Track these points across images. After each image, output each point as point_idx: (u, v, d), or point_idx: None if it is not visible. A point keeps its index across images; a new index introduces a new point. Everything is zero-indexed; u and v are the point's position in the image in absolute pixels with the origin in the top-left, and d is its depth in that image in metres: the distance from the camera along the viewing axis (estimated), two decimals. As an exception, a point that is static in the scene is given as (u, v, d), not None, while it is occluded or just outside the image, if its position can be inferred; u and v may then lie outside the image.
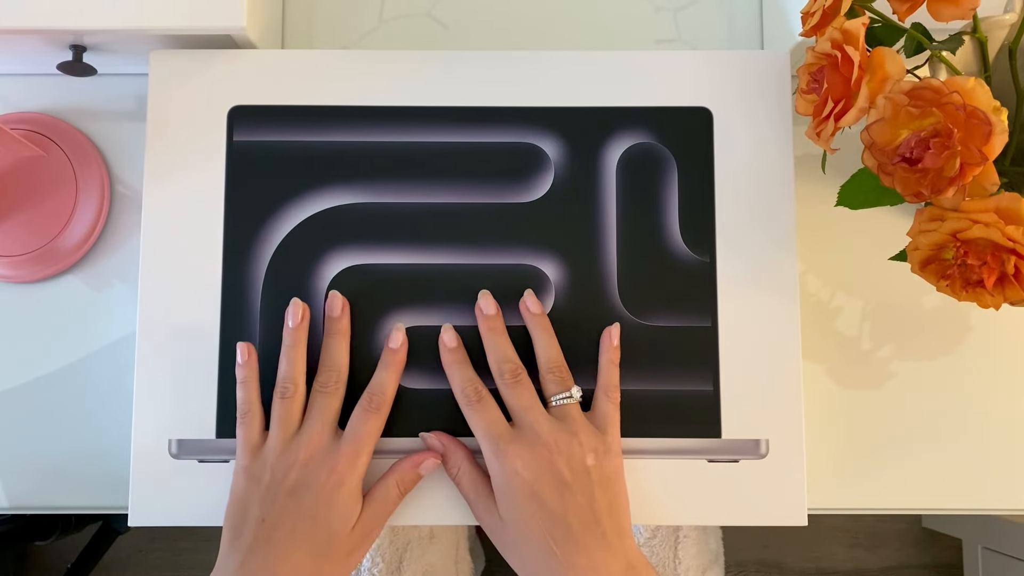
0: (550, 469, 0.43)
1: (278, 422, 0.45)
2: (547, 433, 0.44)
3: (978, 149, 0.36)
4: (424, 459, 0.46)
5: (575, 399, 0.46)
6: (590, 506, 0.43)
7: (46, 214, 0.52)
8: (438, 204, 0.49)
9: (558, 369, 0.46)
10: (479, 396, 0.46)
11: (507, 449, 0.44)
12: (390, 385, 0.46)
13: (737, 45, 0.57)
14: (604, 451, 0.45)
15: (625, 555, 0.43)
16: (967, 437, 0.52)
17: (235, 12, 0.46)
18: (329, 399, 0.46)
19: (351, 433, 0.45)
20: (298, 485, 0.44)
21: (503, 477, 0.44)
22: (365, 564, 0.61)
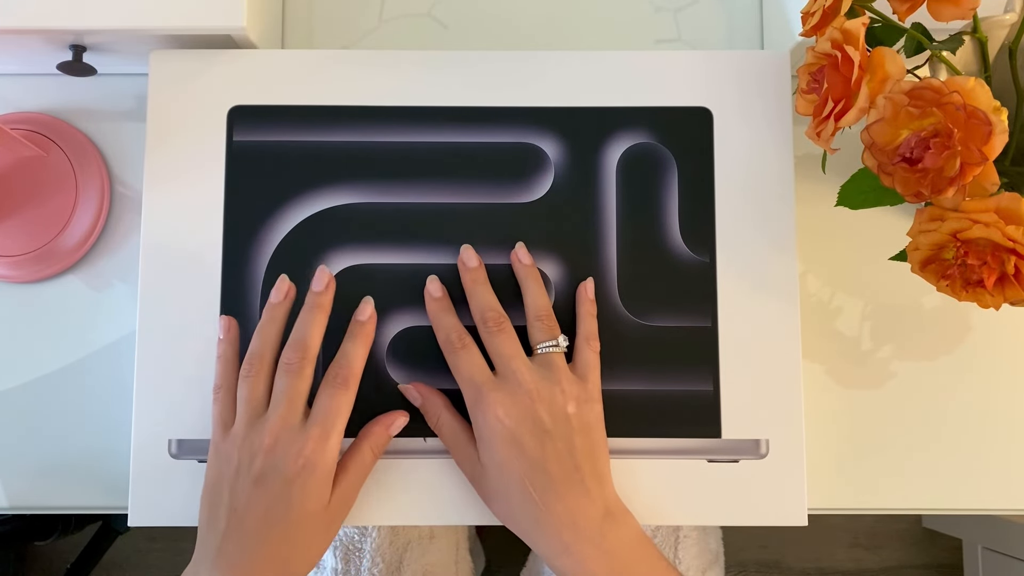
0: (531, 416, 0.43)
1: (243, 403, 0.44)
2: (529, 381, 0.44)
3: (978, 149, 0.36)
4: (394, 419, 0.46)
5: (561, 348, 0.46)
6: (570, 453, 0.43)
7: (46, 214, 0.52)
8: (438, 204, 0.49)
9: (546, 317, 0.46)
10: (463, 343, 0.45)
11: (489, 396, 0.44)
12: (357, 357, 0.45)
13: (737, 45, 0.57)
14: (585, 399, 0.45)
15: (604, 501, 0.44)
16: (967, 437, 0.52)
17: (235, 12, 0.46)
18: (294, 379, 0.44)
19: (317, 413, 0.43)
20: (265, 472, 0.42)
21: (484, 424, 0.44)
22: (365, 564, 0.61)
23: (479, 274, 0.47)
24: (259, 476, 0.42)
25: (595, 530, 0.43)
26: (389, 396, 0.48)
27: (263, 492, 0.42)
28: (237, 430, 0.44)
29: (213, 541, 0.43)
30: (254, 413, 0.44)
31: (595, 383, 0.46)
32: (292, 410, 0.43)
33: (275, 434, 0.43)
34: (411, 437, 0.48)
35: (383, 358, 0.48)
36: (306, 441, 0.43)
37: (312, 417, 0.44)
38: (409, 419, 0.47)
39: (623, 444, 0.48)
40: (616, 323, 0.48)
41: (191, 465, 0.47)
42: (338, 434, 0.44)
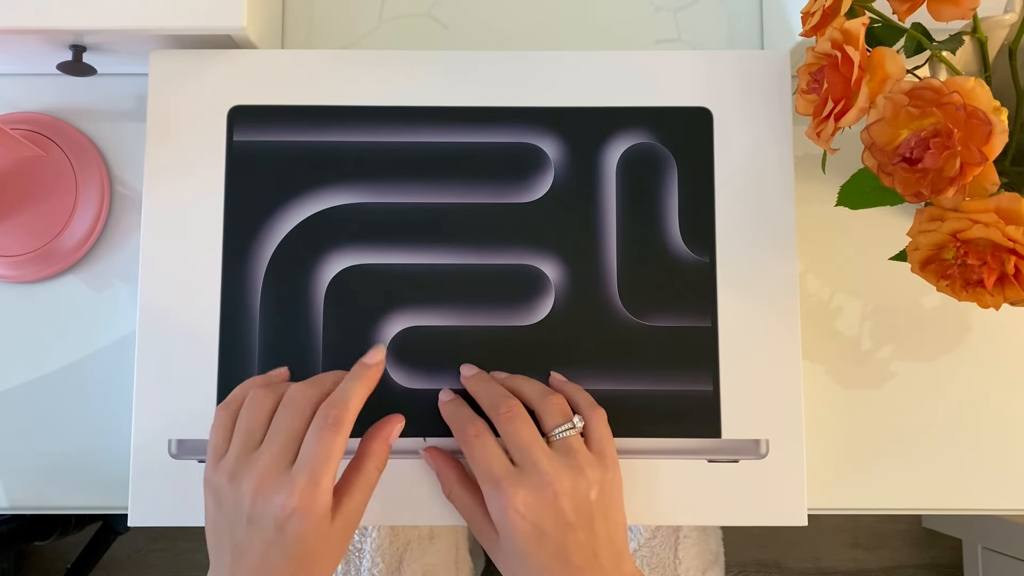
0: (554, 511, 0.42)
1: (239, 434, 0.42)
2: (551, 473, 0.42)
3: (978, 149, 0.36)
4: (391, 430, 0.44)
5: (578, 428, 0.44)
6: (590, 540, 0.43)
7: (46, 214, 0.52)
8: (438, 204, 0.49)
9: (551, 396, 0.45)
10: (477, 432, 0.44)
11: (509, 491, 0.42)
12: (355, 398, 0.42)
13: (737, 45, 0.57)
14: (608, 478, 0.44)
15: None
16: (967, 437, 0.52)
17: (235, 12, 0.46)
18: (293, 420, 0.41)
19: (305, 458, 0.40)
20: (256, 515, 0.40)
21: (504, 517, 0.42)
22: (365, 564, 0.61)
23: (481, 376, 0.47)
24: (251, 518, 0.40)
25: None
26: (389, 397, 0.48)
27: (258, 534, 0.40)
28: (227, 464, 0.41)
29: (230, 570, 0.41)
30: (246, 447, 0.41)
31: (612, 454, 0.45)
32: (284, 452, 0.40)
33: (263, 478, 0.40)
34: (411, 437, 0.48)
35: (383, 358, 0.48)
36: (293, 490, 0.39)
37: (299, 462, 0.40)
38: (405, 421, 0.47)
39: (623, 444, 0.47)
40: (616, 323, 0.48)
41: (191, 465, 0.47)
42: (329, 479, 0.40)
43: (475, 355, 0.48)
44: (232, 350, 0.48)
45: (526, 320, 0.48)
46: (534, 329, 0.48)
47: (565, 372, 0.48)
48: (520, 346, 0.48)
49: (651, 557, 0.63)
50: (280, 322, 0.48)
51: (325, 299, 0.48)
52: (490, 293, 0.49)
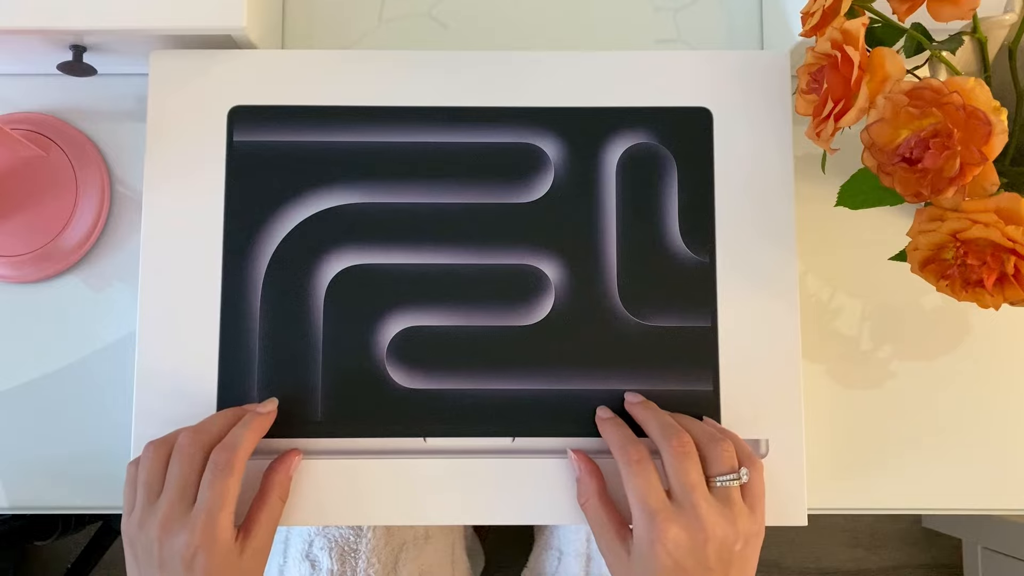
0: (699, 554, 0.42)
1: (141, 487, 0.44)
2: (708, 519, 0.42)
3: (978, 149, 0.36)
4: (291, 462, 0.47)
5: (742, 481, 0.44)
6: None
7: (46, 214, 0.52)
8: (438, 204, 0.49)
9: (724, 440, 0.44)
10: (640, 457, 0.44)
11: (663, 526, 0.42)
12: (246, 441, 0.44)
13: (737, 45, 0.57)
14: (754, 534, 0.44)
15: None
16: (967, 437, 0.52)
17: (235, 12, 0.46)
18: (183, 467, 0.43)
19: (201, 501, 0.43)
20: (165, 560, 0.42)
21: (651, 549, 0.42)
22: (361, 565, 0.61)
23: (649, 405, 0.47)
24: (161, 562, 0.43)
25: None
26: (390, 397, 0.48)
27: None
28: (135, 514, 0.44)
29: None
30: (149, 498, 0.44)
31: (762, 513, 0.45)
32: (181, 497, 0.43)
33: (165, 522, 0.42)
34: (411, 437, 0.48)
35: (383, 358, 0.48)
36: (193, 530, 0.42)
37: (197, 505, 0.43)
38: (403, 422, 0.47)
39: (623, 444, 0.48)
40: (616, 323, 0.48)
41: (191, 465, 0.47)
42: (227, 516, 0.43)
43: (475, 355, 0.48)
44: (232, 350, 0.48)
45: (526, 320, 0.48)
46: (534, 329, 0.48)
47: (565, 372, 0.48)
48: (520, 346, 0.48)
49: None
50: (280, 322, 0.48)
51: (325, 299, 0.48)
52: (490, 293, 0.49)
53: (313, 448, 0.47)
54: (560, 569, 0.66)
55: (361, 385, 0.48)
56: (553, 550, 0.68)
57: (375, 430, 0.48)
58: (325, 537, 0.60)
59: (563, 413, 0.48)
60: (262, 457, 0.47)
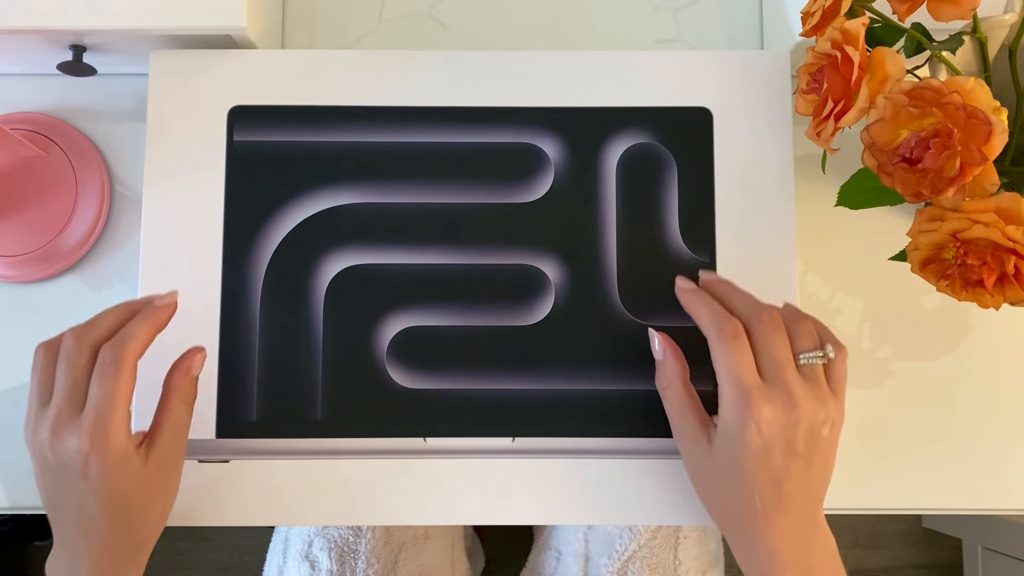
0: (789, 435, 0.41)
1: (32, 392, 0.42)
2: (800, 397, 0.41)
3: (978, 149, 0.36)
4: (191, 361, 0.44)
5: (827, 357, 0.42)
6: (805, 476, 0.42)
7: (46, 214, 0.52)
8: (438, 204, 0.49)
9: (805, 321, 0.43)
10: (736, 333, 0.42)
11: (757, 404, 0.41)
12: (139, 337, 0.41)
13: (737, 45, 0.57)
14: (838, 419, 0.42)
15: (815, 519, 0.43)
16: (967, 437, 0.52)
17: (235, 12, 0.46)
18: (69, 367, 0.41)
19: (91, 403, 0.40)
20: (58, 467, 0.40)
21: (740, 429, 0.41)
22: (360, 565, 0.60)
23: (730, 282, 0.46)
24: (56, 470, 0.41)
25: (800, 545, 0.42)
26: (389, 396, 0.48)
27: (68, 485, 0.41)
28: (29, 420, 0.42)
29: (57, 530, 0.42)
30: (40, 402, 0.42)
31: (843, 396, 0.43)
32: (69, 400, 0.41)
33: (55, 426, 0.40)
34: (411, 437, 0.48)
35: (383, 358, 0.48)
36: (82, 434, 0.40)
37: (86, 408, 0.40)
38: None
39: (623, 444, 0.48)
40: (616, 323, 0.48)
41: (191, 465, 0.47)
42: (120, 417, 0.40)
43: (475, 355, 0.48)
44: (232, 350, 0.48)
45: (526, 320, 0.48)
46: (534, 329, 0.48)
47: (565, 372, 0.48)
48: (520, 346, 0.48)
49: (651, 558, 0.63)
50: (280, 322, 0.48)
51: (325, 299, 0.48)
52: (490, 293, 0.49)
53: (313, 448, 0.47)
54: (559, 569, 0.66)
55: (361, 385, 0.48)
56: (552, 550, 0.68)
57: (375, 430, 0.48)
58: (324, 538, 0.60)
59: (563, 413, 0.48)
60: (242, 457, 0.47)
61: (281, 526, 0.65)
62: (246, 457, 0.47)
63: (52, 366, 0.42)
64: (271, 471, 0.47)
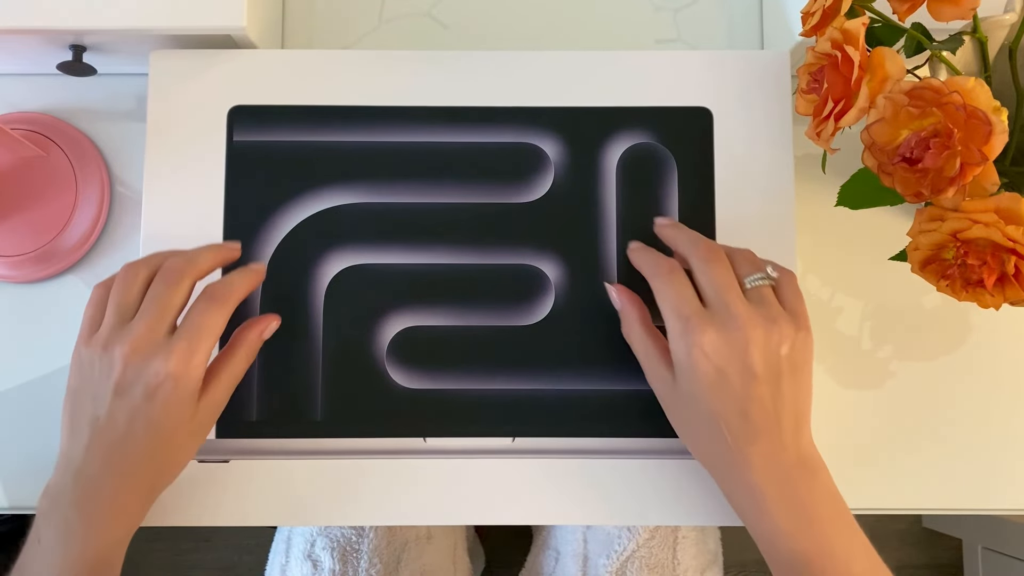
0: (742, 358, 0.40)
1: (112, 306, 0.41)
2: (744, 317, 0.40)
3: (978, 149, 0.36)
4: (267, 324, 0.45)
5: (771, 279, 0.42)
6: (773, 399, 0.40)
7: (46, 214, 0.52)
8: (438, 204, 0.49)
9: (746, 252, 0.44)
10: (672, 268, 0.43)
11: (697, 329, 0.40)
12: (242, 284, 0.43)
13: (737, 45, 0.57)
14: (799, 337, 0.41)
15: (798, 450, 0.41)
16: (967, 437, 0.52)
17: (235, 12, 0.46)
18: (169, 290, 0.41)
19: (186, 326, 0.40)
20: (127, 382, 0.40)
21: (687, 357, 0.41)
22: (363, 565, 0.61)
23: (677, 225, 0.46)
24: (120, 386, 0.40)
25: (783, 478, 0.41)
26: (389, 396, 0.48)
27: (125, 404, 0.40)
28: (101, 334, 0.41)
29: (76, 453, 0.41)
30: (121, 318, 0.41)
31: (805, 314, 0.42)
32: (160, 320, 0.40)
33: (137, 344, 0.40)
34: (411, 437, 0.48)
35: (383, 358, 0.48)
36: (169, 355, 0.40)
37: (179, 331, 0.40)
38: (403, 420, 0.47)
39: (623, 444, 0.48)
40: (616, 323, 0.48)
41: (191, 465, 0.47)
42: (206, 352, 0.41)
43: (475, 355, 0.48)
44: (232, 350, 0.48)
45: (526, 320, 0.48)
46: (534, 329, 0.48)
47: (565, 372, 0.48)
48: (520, 346, 0.48)
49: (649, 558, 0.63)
50: (280, 322, 0.48)
51: (325, 299, 0.48)
52: (490, 293, 0.49)
53: (313, 448, 0.47)
54: (557, 569, 0.66)
55: (361, 385, 0.48)
56: (551, 550, 0.68)
57: (375, 430, 0.48)
58: (327, 537, 0.61)
59: (563, 413, 0.48)
60: (242, 457, 0.47)
61: (281, 526, 0.65)
62: (246, 457, 0.47)
63: (141, 287, 0.42)
64: (271, 471, 0.47)
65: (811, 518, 0.41)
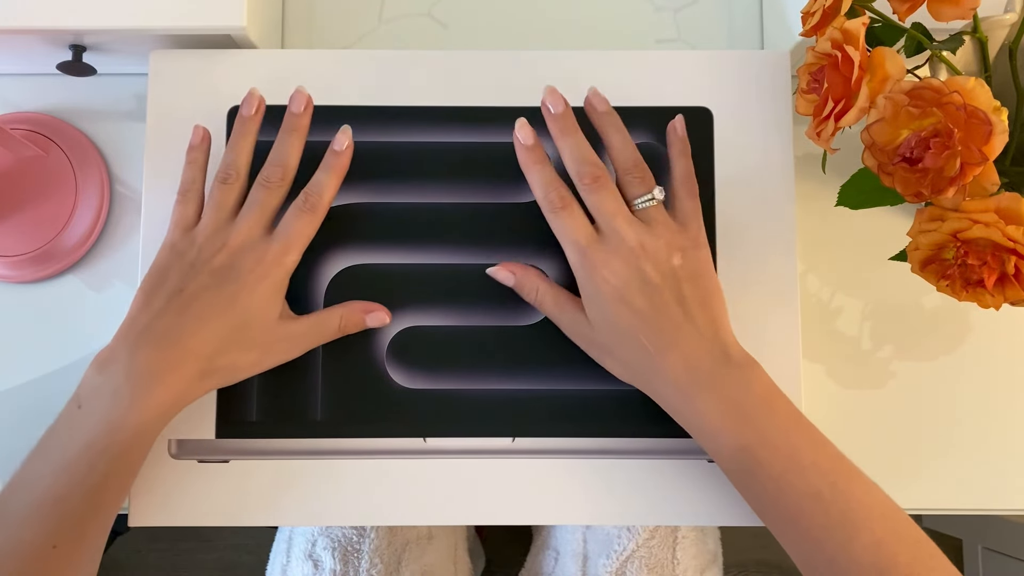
0: (637, 274, 0.43)
1: (213, 206, 0.45)
2: (632, 238, 0.43)
3: (978, 149, 0.36)
4: (375, 310, 0.47)
5: (658, 199, 0.45)
6: (680, 303, 0.43)
7: (46, 214, 0.52)
8: (438, 204, 0.49)
9: (636, 168, 0.45)
10: (564, 202, 0.45)
11: (593, 257, 0.43)
12: (329, 187, 0.46)
13: (737, 45, 0.57)
14: (690, 247, 0.44)
15: (721, 346, 0.43)
16: (967, 437, 0.52)
17: (235, 12, 0.46)
18: (268, 194, 0.45)
19: (282, 230, 0.45)
20: (223, 267, 0.44)
21: (591, 285, 0.44)
22: (363, 565, 0.61)
23: (569, 120, 0.46)
24: (217, 269, 0.43)
25: (709, 374, 0.42)
26: (389, 396, 0.48)
27: (217, 282, 0.43)
28: (203, 228, 0.45)
29: (144, 318, 0.43)
30: (223, 217, 0.45)
31: (698, 229, 0.45)
32: (260, 221, 0.45)
33: (240, 238, 0.44)
34: (411, 437, 0.48)
35: (383, 358, 0.48)
36: (267, 251, 0.44)
37: (276, 233, 0.45)
38: (406, 421, 0.47)
39: (623, 444, 0.48)
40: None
41: (191, 465, 0.47)
42: (297, 253, 0.45)
43: (475, 355, 0.48)
44: (232, 350, 0.48)
45: (526, 320, 0.48)
46: (534, 329, 0.48)
47: (565, 372, 0.48)
48: (520, 346, 0.48)
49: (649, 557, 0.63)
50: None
51: (325, 298, 0.48)
52: (490, 293, 0.48)
53: (313, 448, 0.47)
54: (557, 569, 0.66)
55: (361, 385, 0.48)
56: (550, 550, 0.68)
57: (375, 430, 0.48)
58: (328, 537, 0.60)
59: (563, 413, 0.48)
60: (242, 457, 0.47)
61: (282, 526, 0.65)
62: (246, 457, 0.47)
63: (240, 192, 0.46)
64: (271, 471, 0.47)
65: (746, 413, 0.42)
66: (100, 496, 0.41)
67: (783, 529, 0.42)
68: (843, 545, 0.40)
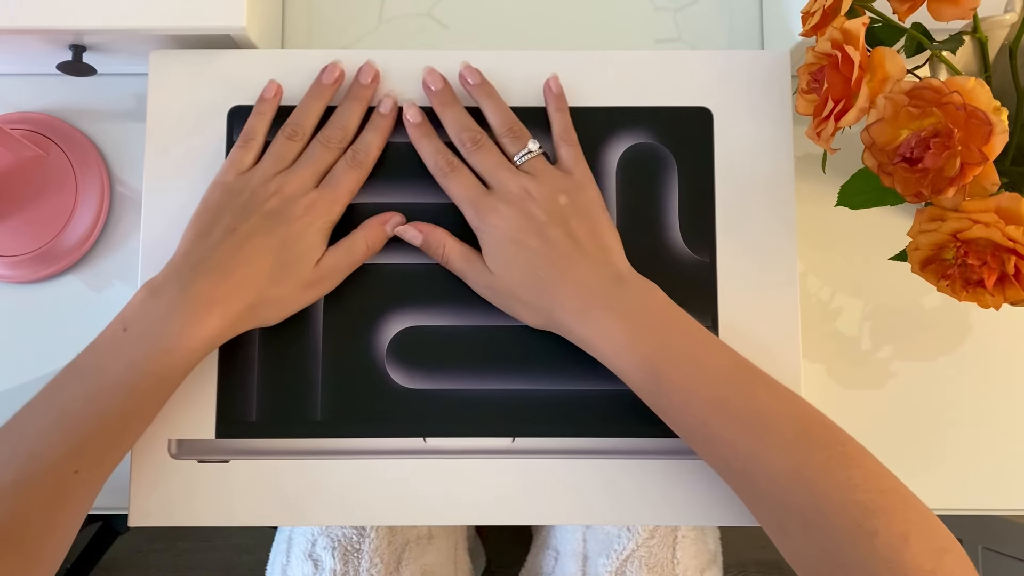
0: (526, 216, 0.46)
1: (274, 156, 0.48)
2: (516, 184, 0.46)
3: (978, 149, 0.36)
4: (390, 217, 0.48)
5: (535, 152, 0.47)
6: (569, 236, 0.46)
7: (46, 214, 0.52)
8: (438, 204, 0.49)
9: (512, 128, 0.48)
10: (452, 166, 0.48)
11: (483, 206, 0.46)
12: (375, 146, 0.48)
13: (737, 45, 0.57)
14: (575, 188, 0.47)
15: (613, 268, 0.46)
16: (967, 437, 0.52)
17: (235, 12, 0.46)
18: (326, 152, 0.48)
19: (331, 182, 0.47)
20: (274, 211, 0.46)
21: (486, 232, 0.46)
22: (364, 565, 0.60)
23: (447, 95, 0.49)
24: (269, 212, 0.46)
25: (604, 294, 0.45)
26: (389, 396, 0.48)
27: (268, 225, 0.45)
28: (259, 172, 0.47)
29: (199, 250, 0.45)
30: (279, 166, 0.47)
31: (583, 172, 0.48)
32: (314, 175, 0.47)
33: (294, 187, 0.47)
34: (411, 437, 0.48)
35: (383, 358, 0.48)
36: (317, 200, 0.47)
37: (325, 184, 0.47)
38: (406, 419, 0.47)
39: (623, 444, 0.48)
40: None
41: (191, 465, 0.47)
42: (343, 205, 0.48)
43: (475, 355, 0.48)
44: (231, 350, 0.48)
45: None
46: (534, 329, 0.48)
47: (565, 372, 0.48)
48: (520, 346, 0.48)
49: (649, 557, 0.63)
50: (280, 322, 0.48)
51: (325, 299, 0.48)
52: (490, 293, 0.48)
53: (313, 448, 0.47)
54: (557, 569, 0.66)
55: (361, 385, 0.48)
56: (550, 550, 0.68)
57: (375, 430, 0.48)
58: (328, 537, 0.60)
59: (563, 413, 0.48)
60: (242, 457, 0.47)
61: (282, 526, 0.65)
62: (246, 457, 0.47)
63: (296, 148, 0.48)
64: (271, 471, 0.47)
65: (644, 325, 0.44)
66: (132, 420, 0.43)
67: (693, 436, 0.43)
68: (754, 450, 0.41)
